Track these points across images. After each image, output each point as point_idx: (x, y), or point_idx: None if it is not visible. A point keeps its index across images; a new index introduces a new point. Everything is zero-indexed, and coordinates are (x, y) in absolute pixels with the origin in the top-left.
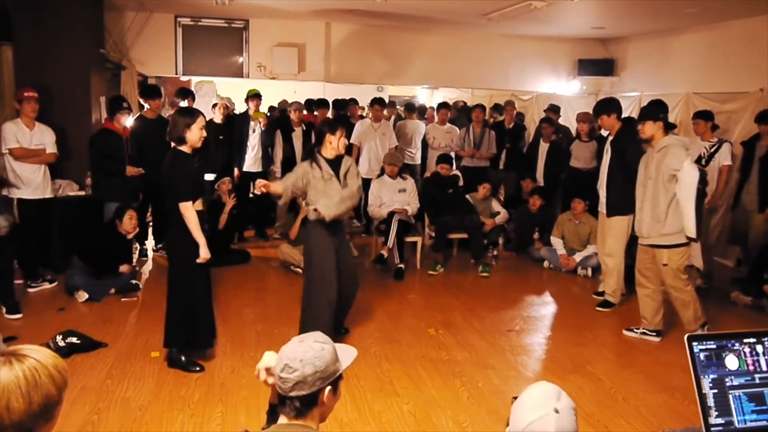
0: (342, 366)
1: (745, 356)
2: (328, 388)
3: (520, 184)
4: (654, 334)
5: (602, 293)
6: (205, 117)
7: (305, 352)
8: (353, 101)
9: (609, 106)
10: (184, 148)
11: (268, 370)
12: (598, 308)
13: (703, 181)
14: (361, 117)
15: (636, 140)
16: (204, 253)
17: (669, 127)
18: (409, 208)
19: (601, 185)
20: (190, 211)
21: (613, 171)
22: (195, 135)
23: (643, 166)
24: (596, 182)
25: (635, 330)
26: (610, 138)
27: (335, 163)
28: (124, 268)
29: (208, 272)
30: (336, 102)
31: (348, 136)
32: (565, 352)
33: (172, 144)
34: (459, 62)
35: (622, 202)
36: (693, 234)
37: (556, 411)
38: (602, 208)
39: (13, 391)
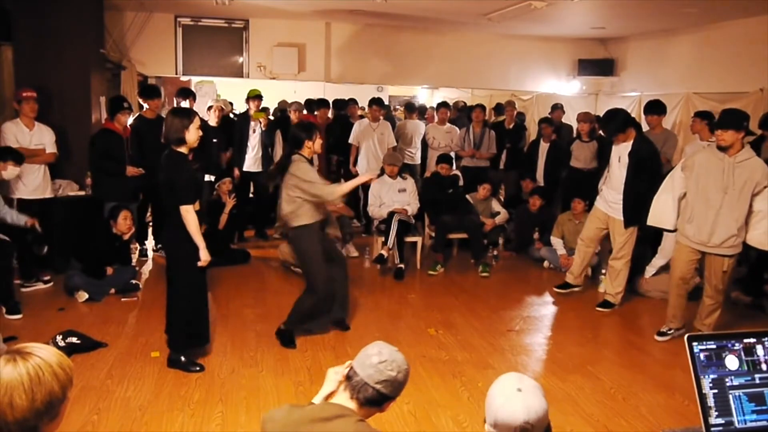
0: None
1: (745, 356)
2: (391, 402)
3: (520, 184)
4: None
5: (563, 286)
6: (199, 116)
7: (403, 364)
8: (353, 101)
9: (621, 120)
10: (182, 149)
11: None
12: (598, 308)
13: None
14: (361, 117)
15: (654, 148)
16: (204, 256)
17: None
18: (409, 208)
19: (610, 188)
20: (191, 214)
21: (633, 181)
22: (193, 135)
23: (704, 172)
24: (597, 181)
25: (668, 332)
26: (624, 146)
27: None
28: (109, 270)
29: (205, 272)
30: (336, 102)
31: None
32: (565, 352)
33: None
34: (459, 62)
35: (643, 213)
36: None
37: (519, 390)
38: (607, 209)
39: (16, 388)
